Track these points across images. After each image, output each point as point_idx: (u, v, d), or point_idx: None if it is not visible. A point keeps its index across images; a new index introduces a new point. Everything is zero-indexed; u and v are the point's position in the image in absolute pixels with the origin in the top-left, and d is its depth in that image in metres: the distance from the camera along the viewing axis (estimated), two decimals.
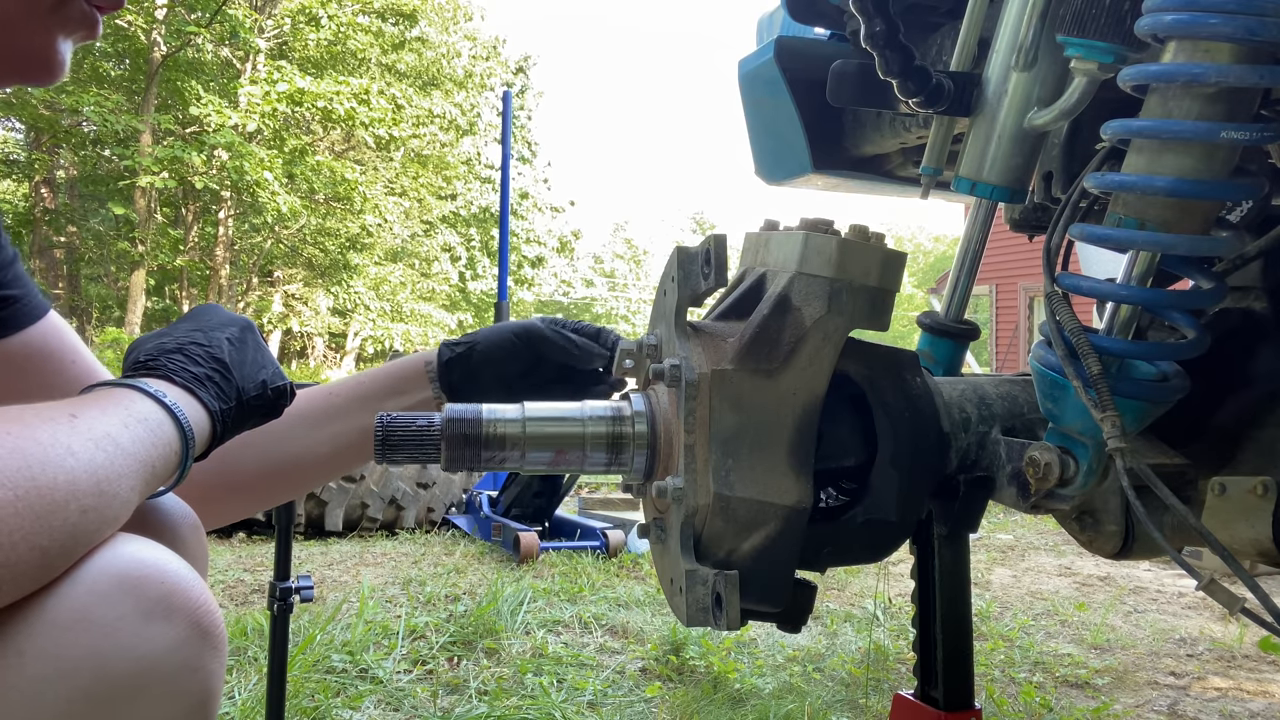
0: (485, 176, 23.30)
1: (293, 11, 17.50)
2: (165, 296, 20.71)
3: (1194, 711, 2.74)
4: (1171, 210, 0.81)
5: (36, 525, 0.60)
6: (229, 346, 0.87)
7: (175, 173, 15.96)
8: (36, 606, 0.62)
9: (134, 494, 0.70)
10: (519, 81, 24.42)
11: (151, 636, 0.65)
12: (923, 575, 1.16)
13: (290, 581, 1.85)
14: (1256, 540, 0.91)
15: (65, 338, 1.05)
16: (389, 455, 0.86)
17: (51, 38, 0.84)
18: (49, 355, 1.02)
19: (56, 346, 1.03)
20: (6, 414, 0.64)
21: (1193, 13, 0.76)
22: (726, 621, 0.80)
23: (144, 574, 0.67)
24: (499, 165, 7.93)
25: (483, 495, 5.29)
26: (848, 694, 2.75)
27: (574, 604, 3.67)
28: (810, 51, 1.45)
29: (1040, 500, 0.90)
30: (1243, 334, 1.07)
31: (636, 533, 1.05)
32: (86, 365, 1.06)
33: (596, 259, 41.95)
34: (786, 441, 0.85)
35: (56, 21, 0.83)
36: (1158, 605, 4.06)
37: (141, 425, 0.73)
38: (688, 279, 0.88)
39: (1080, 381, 0.81)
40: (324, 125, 17.70)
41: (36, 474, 0.60)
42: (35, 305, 1.02)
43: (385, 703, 2.57)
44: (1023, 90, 1.01)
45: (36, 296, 1.03)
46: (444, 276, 22.37)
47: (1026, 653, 3.26)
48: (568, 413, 0.91)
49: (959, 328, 1.24)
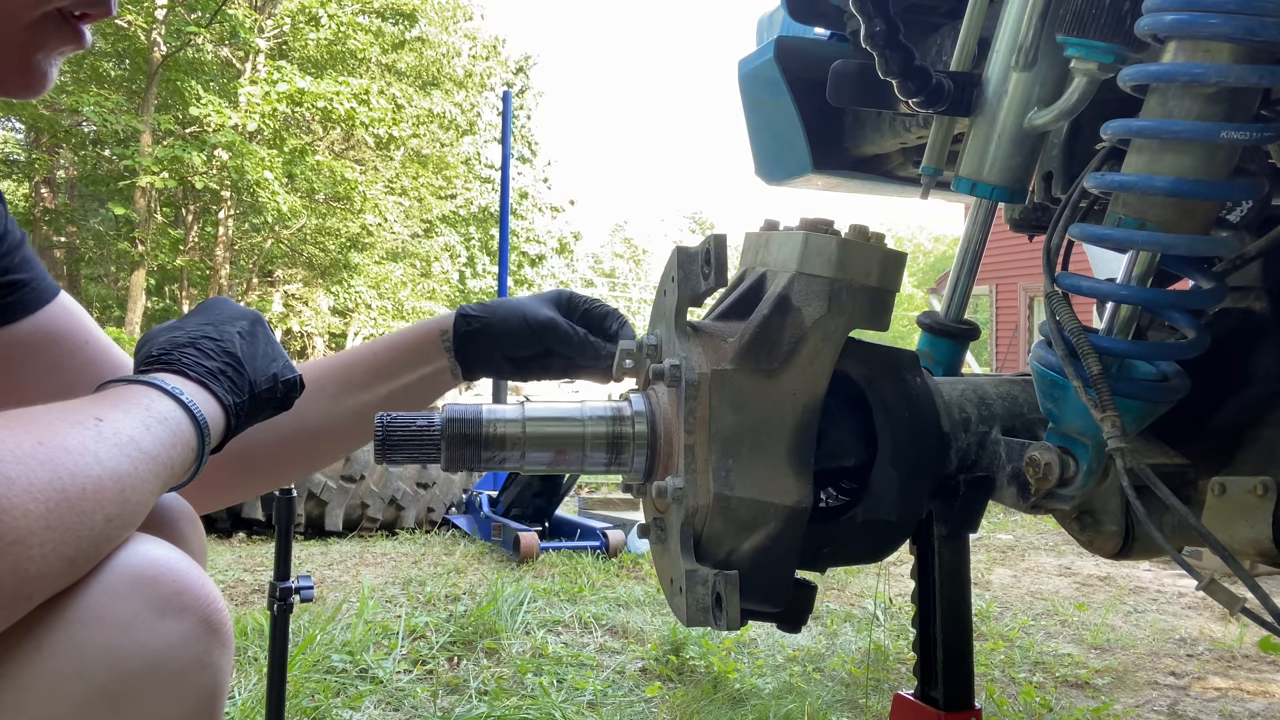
0: (485, 176, 23.29)
1: (293, 11, 17.48)
2: (165, 296, 20.70)
3: (1194, 711, 2.74)
4: (1171, 210, 0.81)
5: (65, 536, 0.61)
6: (240, 340, 0.87)
7: (175, 173, 15.95)
8: (55, 604, 0.63)
9: (152, 496, 0.71)
10: (519, 81, 24.40)
11: (164, 633, 0.67)
12: (923, 575, 1.15)
13: (290, 581, 1.85)
14: (1256, 540, 0.91)
15: (76, 319, 1.05)
16: (389, 455, 0.86)
17: (30, 53, 0.83)
18: (61, 338, 1.02)
19: (68, 328, 1.03)
20: (35, 420, 0.65)
21: (1193, 13, 0.76)
22: (726, 621, 0.80)
23: (156, 572, 0.68)
24: (499, 165, 7.94)
25: (483, 495, 5.29)
26: (848, 694, 2.75)
27: (574, 604, 3.67)
28: (810, 51, 1.45)
29: (1040, 500, 0.90)
30: (1243, 334, 1.07)
31: (636, 533, 1.05)
32: (100, 346, 1.06)
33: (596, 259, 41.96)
34: (786, 441, 0.85)
35: (36, 37, 0.83)
36: (1158, 605, 4.06)
37: (161, 426, 0.73)
38: (688, 279, 0.88)
39: (1080, 381, 0.81)
40: (324, 125, 17.68)
41: (66, 485, 0.62)
42: (45, 288, 1.02)
43: (385, 703, 2.57)
44: (1023, 90, 1.01)
45: (46, 279, 1.02)
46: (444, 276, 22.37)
47: (1026, 653, 3.26)
48: (568, 413, 0.91)
49: (959, 328, 1.24)
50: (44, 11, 0.82)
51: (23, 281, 0.99)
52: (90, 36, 0.87)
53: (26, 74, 0.84)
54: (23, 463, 0.60)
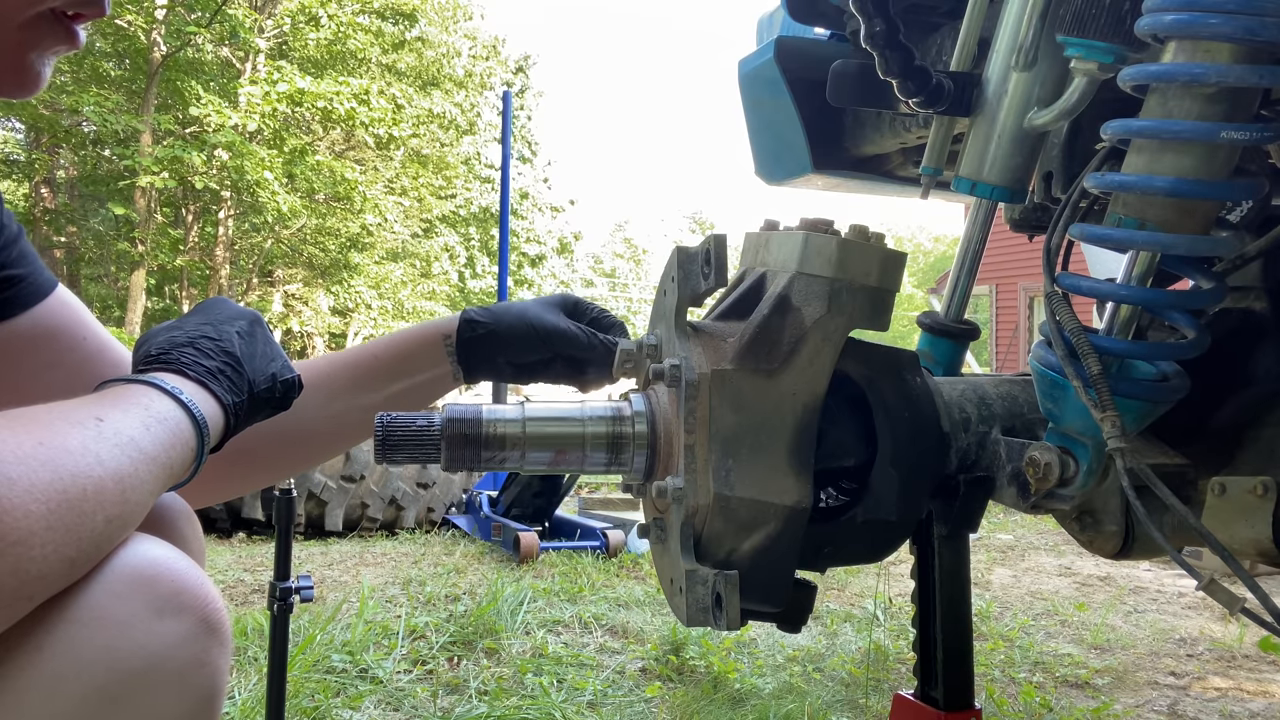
0: (485, 176, 23.29)
1: (293, 11, 17.48)
2: (165, 296, 20.69)
3: (1194, 711, 2.74)
4: (1171, 210, 0.81)
5: (66, 537, 0.61)
6: (239, 340, 0.87)
7: (175, 173, 15.94)
8: (55, 604, 0.63)
9: (152, 496, 0.71)
10: (519, 81, 24.39)
11: (162, 632, 0.67)
12: (923, 575, 1.15)
13: (290, 581, 1.85)
14: (1256, 540, 0.91)
15: (74, 313, 1.05)
16: (389, 455, 0.86)
17: (23, 53, 0.83)
18: (58, 332, 1.02)
19: (65, 322, 1.03)
20: (36, 420, 0.65)
21: (1193, 13, 0.76)
22: (726, 621, 0.80)
23: (155, 572, 0.69)
24: (499, 165, 7.94)
25: (483, 495, 5.29)
26: (848, 694, 2.75)
27: (574, 604, 3.67)
28: (810, 51, 1.45)
29: (1040, 500, 0.90)
30: (1243, 334, 1.07)
31: (636, 533, 1.05)
32: (98, 340, 1.06)
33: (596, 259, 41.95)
34: (786, 441, 0.85)
35: (29, 38, 0.83)
36: (1158, 605, 4.06)
37: (161, 426, 0.73)
38: (688, 279, 0.88)
39: (1080, 381, 0.81)
40: (324, 125, 17.68)
41: (67, 486, 0.62)
42: (42, 282, 1.02)
43: (385, 703, 2.57)
44: (1023, 90, 1.01)
45: (43, 273, 1.02)
46: (444, 276, 22.37)
47: (1026, 653, 3.26)
48: (568, 413, 0.91)
49: (959, 328, 1.24)
50: (37, 11, 0.82)
51: (20, 277, 0.99)
52: (84, 36, 0.87)
53: (20, 74, 0.84)
54: (24, 463, 0.60)
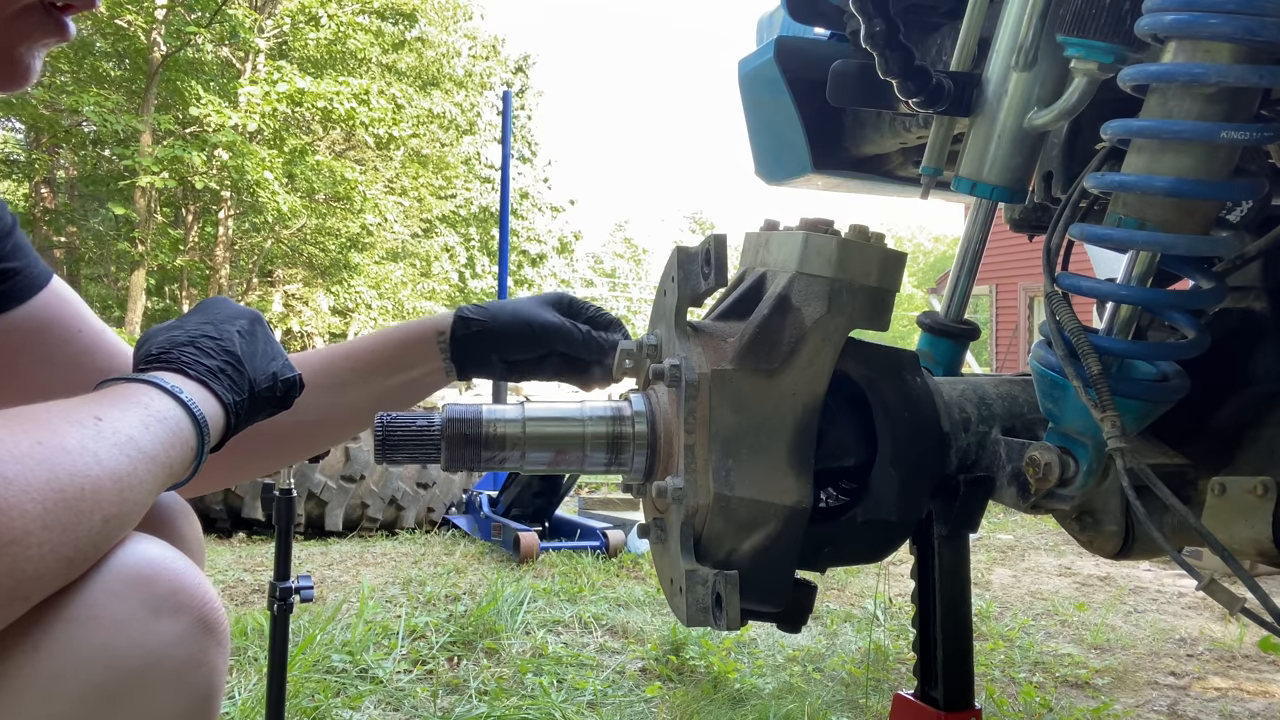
0: (485, 176, 23.28)
1: (293, 11, 17.48)
2: (165, 296, 20.69)
3: (1194, 711, 2.74)
4: (1171, 210, 0.81)
5: (63, 537, 0.61)
6: (240, 339, 0.87)
7: (175, 173, 15.94)
8: (52, 603, 0.63)
9: (151, 496, 0.71)
10: (519, 81, 24.39)
11: (160, 632, 0.67)
12: (923, 575, 1.16)
13: (290, 581, 1.85)
14: (1256, 540, 0.91)
15: (69, 306, 1.04)
16: (389, 455, 0.86)
17: (13, 45, 0.83)
18: (53, 325, 1.02)
19: (61, 315, 1.03)
20: (34, 418, 0.65)
21: (1193, 13, 0.76)
22: (726, 621, 0.80)
23: (153, 572, 0.68)
24: (499, 165, 7.94)
25: (483, 495, 5.29)
26: (848, 694, 2.75)
27: (574, 604, 3.67)
28: (810, 51, 1.45)
29: (1040, 500, 0.90)
30: (1243, 334, 1.07)
31: (636, 533, 1.05)
32: (93, 333, 1.05)
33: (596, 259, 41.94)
34: (786, 441, 0.85)
35: (18, 30, 0.83)
36: (1158, 605, 4.06)
37: (161, 425, 0.73)
38: (688, 279, 0.88)
39: (1080, 381, 0.81)
40: (324, 125, 17.68)
41: (64, 484, 0.61)
42: (37, 274, 1.01)
43: (385, 703, 2.57)
44: (1023, 90, 1.01)
45: (38, 265, 1.02)
46: (444, 276, 22.37)
47: (1026, 653, 3.26)
48: (567, 413, 0.91)
49: (959, 328, 1.24)
50: (26, 3, 0.82)
51: (14, 270, 0.99)
52: (74, 28, 0.86)
53: (10, 66, 0.84)
54: (20, 462, 0.60)
